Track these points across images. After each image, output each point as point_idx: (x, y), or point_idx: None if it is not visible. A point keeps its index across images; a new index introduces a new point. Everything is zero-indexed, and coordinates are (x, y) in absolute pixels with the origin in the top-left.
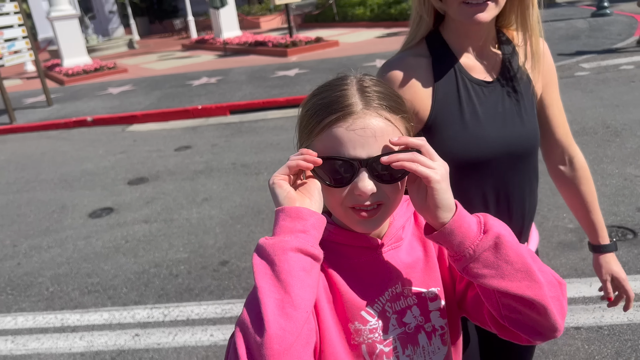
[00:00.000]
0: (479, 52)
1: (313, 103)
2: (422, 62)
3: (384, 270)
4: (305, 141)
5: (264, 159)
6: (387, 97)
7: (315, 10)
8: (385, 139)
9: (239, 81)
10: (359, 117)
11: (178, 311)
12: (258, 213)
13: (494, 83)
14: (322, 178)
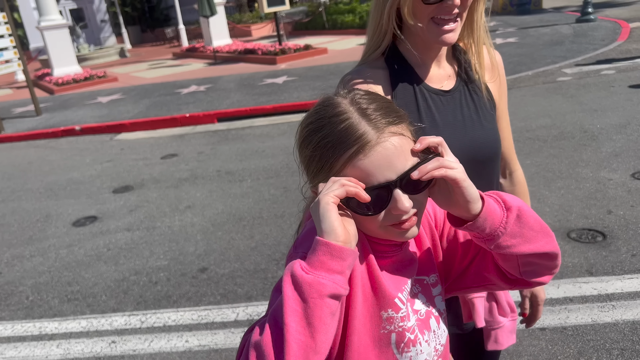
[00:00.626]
0: (437, 62)
1: (318, 142)
2: (380, 74)
3: (406, 262)
4: (322, 180)
5: (248, 166)
6: (386, 109)
7: (305, 18)
8: (404, 151)
9: (228, 89)
10: (375, 143)
11: (155, 318)
12: (239, 220)
13: (452, 91)
14: (357, 210)
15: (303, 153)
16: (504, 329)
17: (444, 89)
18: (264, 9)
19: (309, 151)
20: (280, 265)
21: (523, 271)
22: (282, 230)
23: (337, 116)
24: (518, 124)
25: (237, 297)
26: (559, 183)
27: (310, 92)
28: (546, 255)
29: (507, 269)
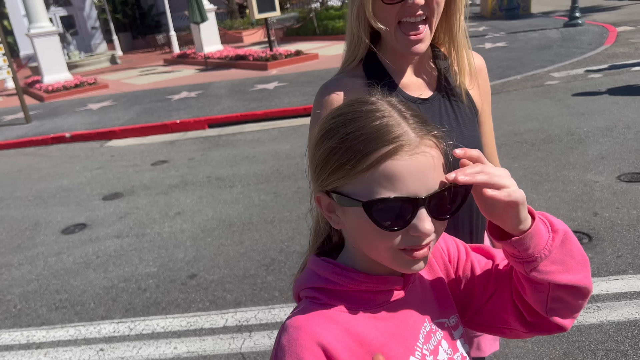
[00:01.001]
0: (415, 69)
1: (348, 134)
2: (358, 82)
3: (411, 311)
4: (340, 180)
5: (239, 172)
6: (424, 120)
7: (296, 24)
8: (438, 168)
9: (219, 95)
10: (414, 148)
11: (144, 325)
12: (229, 226)
13: (431, 99)
14: (378, 219)
15: (322, 147)
16: (486, 336)
17: (423, 96)
18: (254, 15)
19: (332, 143)
20: (270, 270)
21: (550, 308)
22: (272, 236)
23: (375, 112)
24: (506, 128)
25: (226, 303)
26: (547, 186)
27: (301, 97)
28: (579, 291)
29: (533, 303)
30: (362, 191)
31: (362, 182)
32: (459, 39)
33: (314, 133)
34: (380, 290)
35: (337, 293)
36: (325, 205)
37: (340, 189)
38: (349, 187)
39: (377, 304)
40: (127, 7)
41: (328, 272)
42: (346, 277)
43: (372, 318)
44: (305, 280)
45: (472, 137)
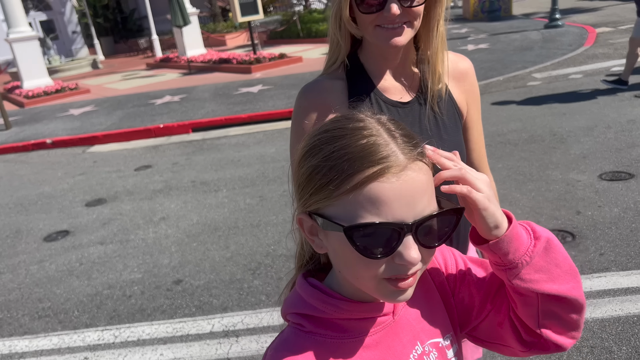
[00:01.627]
0: (396, 72)
1: (332, 152)
2: (338, 85)
3: (401, 335)
4: (322, 201)
5: (224, 176)
6: (413, 139)
7: (280, 27)
8: (428, 192)
9: (202, 99)
10: (402, 170)
11: (129, 332)
12: (215, 230)
13: (411, 103)
14: (361, 245)
15: (305, 165)
16: (467, 343)
17: (402, 100)
18: (237, 19)
19: (315, 161)
20: (256, 274)
21: (541, 323)
22: (258, 240)
23: (362, 130)
24: (490, 129)
25: (213, 308)
26: (530, 185)
27: (286, 100)
28: (570, 303)
29: (524, 317)
30: (345, 214)
31: (345, 205)
32: (437, 43)
33: (298, 149)
34: (368, 318)
35: (322, 320)
36: (308, 227)
37: (322, 211)
38: (331, 209)
39: (363, 332)
40: (109, 11)
41: (314, 298)
42: (332, 306)
43: (358, 347)
44: (292, 304)
45: (454, 142)
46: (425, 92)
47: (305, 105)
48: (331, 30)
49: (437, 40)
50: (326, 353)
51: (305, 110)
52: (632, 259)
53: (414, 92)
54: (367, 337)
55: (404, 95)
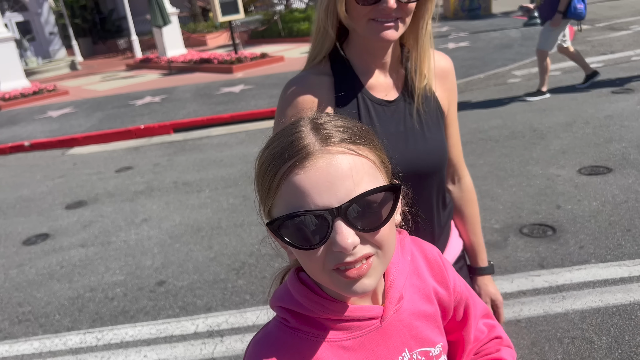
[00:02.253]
0: (382, 70)
1: (265, 157)
2: (324, 81)
3: (387, 341)
4: (267, 204)
5: (206, 176)
6: (349, 129)
7: (261, 27)
8: (354, 174)
9: (184, 99)
10: (317, 157)
11: (112, 334)
12: (197, 231)
13: (396, 102)
14: (290, 242)
15: (255, 173)
16: None
17: (388, 99)
18: (218, 18)
19: (257, 168)
20: (241, 274)
21: None
22: (242, 239)
23: (290, 129)
24: (471, 126)
25: (197, 308)
26: (511, 181)
27: (268, 100)
28: None
29: None
30: (281, 213)
31: (279, 204)
32: (424, 42)
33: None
34: (353, 320)
35: (308, 318)
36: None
37: (272, 215)
38: (274, 212)
39: (347, 333)
40: (87, 11)
41: (301, 295)
42: (318, 305)
43: (340, 347)
44: (280, 298)
45: (436, 140)
46: (410, 91)
47: (290, 99)
48: (319, 19)
49: (425, 38)
50: (307, 351)
51: (290, 105)
52: (610, 251)
53: (398, 91)
54: (351, 339)
55: (389, 93)
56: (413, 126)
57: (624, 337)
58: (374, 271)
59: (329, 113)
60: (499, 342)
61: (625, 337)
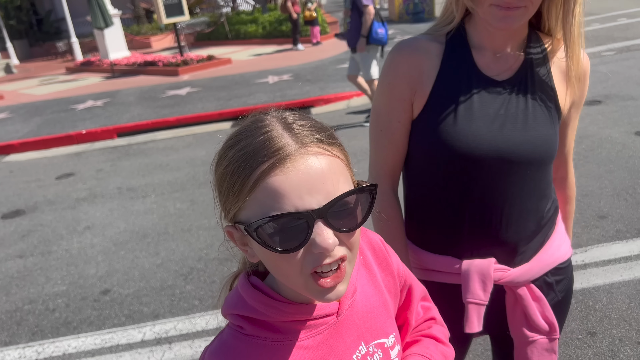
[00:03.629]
0: (498, 49)
1: (232, 157)
2: (434, 47)
3: (345, 336)
4: (234, 207)
5: (152, 181)
6: (318, 128)
7: (207, 29)
8: (332, 175)
9: (127, 103)
10: (296, 158)
11: (53, 347)
12: (143, 237)
13: (504, 83)
14: (270, 245)
15: (217, 172)
16: (536, 345)
17: (497, 79)
18: (162, 20)
19: (221, 168)
20: (189, 280)
21: None
22: (190, 245)
23: (259, 129)
24: None
25: (144, 316)
26: None
27: (215, 102)
28: None
29: None
30: (254, 216)
31: (252, 206)
32: (572, 34)
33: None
34: (310, 319)
35: (263, 323)
36: (238, 238)
37: (238, 217)
38: (244, 214)
39: (306, 334)
40: (22, 12)
41: (255, 301)
42: (274, 308)
43: (299, 348)
44: (233, 305)
45: (540, 132)
46: (526, 76)
47: (398, 59)
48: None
49: (575, 30)
50: (266, 356)
51: (397, 65)
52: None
53: (511, 73)
54: (309, 338)
55: (499, 74)
56: (517, 112)
57: None
58: (347, 275)
59: (292, 111)
60: (432, 322)
61: None
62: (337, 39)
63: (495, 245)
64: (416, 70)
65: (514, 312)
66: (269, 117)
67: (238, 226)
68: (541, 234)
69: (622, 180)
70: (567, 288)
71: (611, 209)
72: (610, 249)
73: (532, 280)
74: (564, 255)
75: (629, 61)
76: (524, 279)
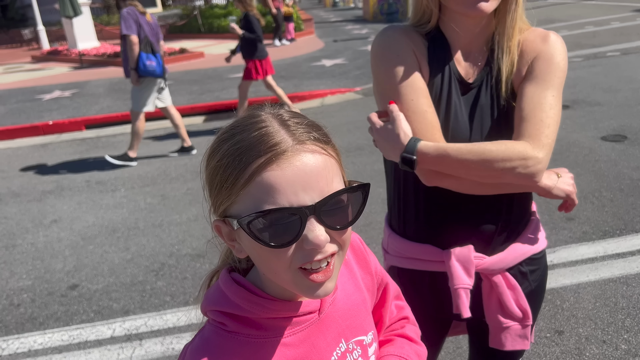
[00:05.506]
0: (468, 49)
1: (226, 150)
2: (421, 40)
3: (326, 333)
4: (225, 200)
5: (121, 174)
6: (313, 126)
7: (180, 21)
8: (327, 173)
9: (96, 94)
10: (292, 154)
11: (18, 343)
12: (113, 232)
13: (474, 84)
14: (262, 240)
15: (209, 165)
16: (509, 331)
17: (469, 80)
18: None
19: (215, 161)
20: (160, 275)
21: None
22: (161, 240)
23: (254, 124)
24: None
25: (113, 312)
26: None
27: (187, 96)
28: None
29: None
30: (247, 210)
31: (245, 200)
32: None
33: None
34: (293, 316)
35: (246, 319)
36: (226, 233)
37: (229, 212)
38: (235, 208)
39: (288, 330)
40: None
41: (239, 297)
42: (257, 305)
43: (282, 345)
44: (214, 301)
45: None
46: (490, 77)
47: (394, 35)
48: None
49: (513, 16)
50: (249, 353)
51: (397, 40)
52: None
53: (477, 73)
54: (292, 335)
55: (471, 74)
56: (480, 114)
57: None
58: (336, 271)
59: (287, 109)
60: (405, 321)
61: None
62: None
63: (472, 234)
64: (416, 45)
65: (490, 299)
66: (263, 113)
67: (228, 220)
68: (515, 224)
69: (589, 183)
70: (541, 278)
71: (578, 211)
72: (577, 250)
73: (507, 268)
74: (538, 246)
75: (596, 68)
76: (499, 267)
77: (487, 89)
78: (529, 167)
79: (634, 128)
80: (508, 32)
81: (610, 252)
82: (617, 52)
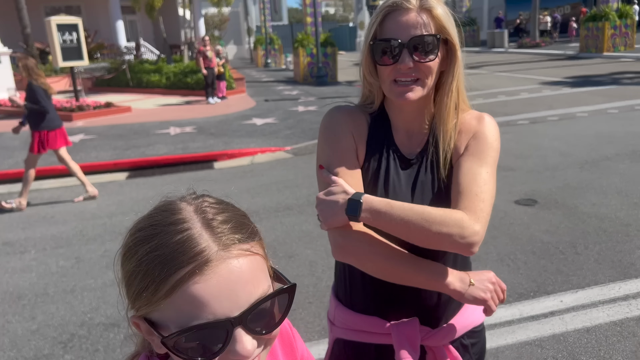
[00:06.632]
0: (409, 127)
1: (145, 255)
2: (364, 121)
3: None
4: (145, 307)
5: (32, 234)
6: (237, 223)
7: (108, 75)
8: (253, 278)
9: (11, 147)
10: (217, 264)
11: None
12: (18, 299)
13: (414, 160)
14: (188, 355)
15: (125, 266)
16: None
17: (410, 156)
18: (58, 63)
19: (132, 265)
20: (68, 348)
21: None
22: (72, 308)
23: (175, 224)
24: None
25: None
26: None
27: (111, 152)
28: None
29: None
30: (169, 320)
31: (167, 310)
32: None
33: (119, 249)
34: None
35: None
36: (145, 329)
37: (150, 316)
38: (156, 315)
39: None
40: None
41: None
42: None
43: None
44: None
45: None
46: (428, 154)
47: (338, 116)
48: (365, 79)
49: (449, 100)
50: None
51: (339, 120)
52: None
53: (419, 150)
54: None
55: (410, 152)
56: (422, 188)
57: None
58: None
59: (212, 198)
60: None
61: None
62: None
63: (416, 307)
64: (356, 127)
65: None
66: (184, 205)
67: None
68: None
69: (505, 246)
70: (481, 351)
71: (496, 273)
72: (495, 313)
73: (450, 341)
74: (478, 318)
75: (508, 135)
76: (443, 340)
77: (428, 164)
78: (466, 237)
79: (543, 193)
80: (444, 116)
81: (525, 315)
82: (526, 120)
